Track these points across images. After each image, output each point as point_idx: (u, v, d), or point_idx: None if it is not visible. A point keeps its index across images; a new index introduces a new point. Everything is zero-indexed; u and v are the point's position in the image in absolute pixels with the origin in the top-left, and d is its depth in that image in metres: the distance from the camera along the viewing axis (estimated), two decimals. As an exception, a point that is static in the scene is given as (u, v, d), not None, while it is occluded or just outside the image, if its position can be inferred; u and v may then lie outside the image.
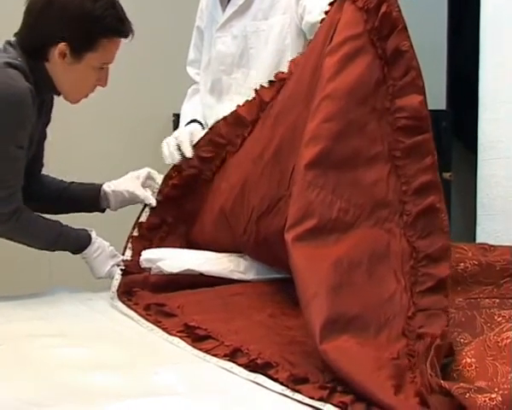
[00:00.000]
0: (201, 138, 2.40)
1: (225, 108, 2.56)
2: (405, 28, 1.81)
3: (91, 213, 2.42)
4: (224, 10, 2.57)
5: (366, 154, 1.79)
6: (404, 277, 1.70)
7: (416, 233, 1.74)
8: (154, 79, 3.51)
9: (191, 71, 2.77)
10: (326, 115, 1.78)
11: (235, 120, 2.33)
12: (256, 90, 2.29)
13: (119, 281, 2.24)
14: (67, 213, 2.40)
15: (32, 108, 2.08)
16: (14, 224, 2.11)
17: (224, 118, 2.37)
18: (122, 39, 2.17)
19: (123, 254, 2.32)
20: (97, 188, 2.38)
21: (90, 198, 2.38)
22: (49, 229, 2.20)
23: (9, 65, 2.06)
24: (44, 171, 2.41)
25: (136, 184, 2.36)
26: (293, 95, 2.05)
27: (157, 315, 2.00)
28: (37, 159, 2.33)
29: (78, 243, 2.24)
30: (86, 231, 2.26)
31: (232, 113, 2.35)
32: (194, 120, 2.61)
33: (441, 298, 1.67)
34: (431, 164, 1.77)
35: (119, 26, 2.14)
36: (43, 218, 2.21)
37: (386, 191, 1.78)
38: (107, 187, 2.36)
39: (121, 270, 2.25)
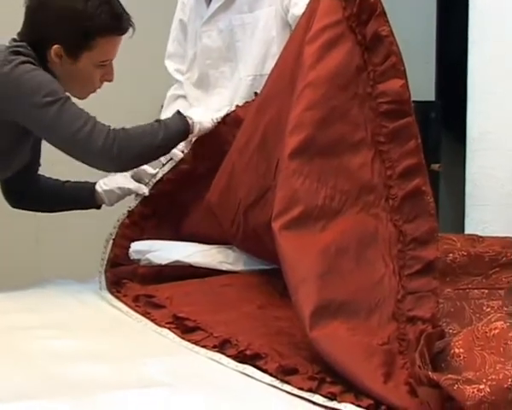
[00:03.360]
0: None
1: (213, 101, 2.55)
2: (384, 13, 1.81)
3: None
4: (208, 5, 2.55)
5: (350, 140, 1.79)
6: (392, 261, 1.70)
7: (403, 217, 1.74)
8: (150, 71, 3.49)
9: (170, 66, 2.72)
10: (308, 103, 1.78)
11: (232, 121, 2.30)
12: (256, 93, 2.28)
13: (103, 272, 2.24)
14: (64, 211, 2.40)
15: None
16: (118, 150, 2.05)
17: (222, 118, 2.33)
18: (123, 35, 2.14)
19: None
20: (91, 187, 2.34)
21: (85, 197, 2.35)
22: (151, 130, 2.13)
23: (18, 53, 2.06)
24: (42, 166, 2.39)
25: (126, 178, 2.33)
26: (277, 83, 2.04)
27: (146, 307, 2.00)
28: (34, 160, 2.31)
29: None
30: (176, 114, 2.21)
31: (230, 113, 2.32)
32: None
33: (430, 280, 1.67)
34: (415, 147, 1.77)
35: (114, 24, 2.11)
36: (136, 129, 2.13)
37: (371, 176, 1.77)
38: (99, 187, 2.32)
39: (108, 261, 2.25)
